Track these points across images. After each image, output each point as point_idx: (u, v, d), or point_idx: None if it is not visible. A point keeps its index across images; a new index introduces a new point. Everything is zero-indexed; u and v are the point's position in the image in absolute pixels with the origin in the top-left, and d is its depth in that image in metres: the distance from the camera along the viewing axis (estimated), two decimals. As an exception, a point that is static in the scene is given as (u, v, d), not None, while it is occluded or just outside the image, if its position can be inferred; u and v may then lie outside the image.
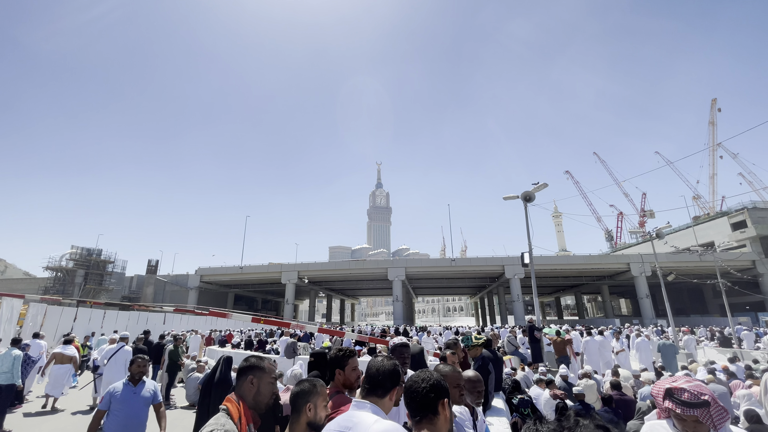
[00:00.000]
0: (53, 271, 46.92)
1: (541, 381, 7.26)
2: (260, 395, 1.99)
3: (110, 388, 3.77)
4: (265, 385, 2.01)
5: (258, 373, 2.01)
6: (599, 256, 52.11)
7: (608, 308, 56.74)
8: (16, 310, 14.47)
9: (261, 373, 2.02)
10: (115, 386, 3.82)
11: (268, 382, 2.03)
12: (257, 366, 2.03)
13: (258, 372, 2.01)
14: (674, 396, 1.93)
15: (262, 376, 2.01)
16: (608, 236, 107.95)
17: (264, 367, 2.05)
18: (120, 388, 3.81)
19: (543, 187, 11.34)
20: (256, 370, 2.02)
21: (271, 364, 2.13)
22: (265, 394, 2.01)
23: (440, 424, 1.50)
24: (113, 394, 3.72)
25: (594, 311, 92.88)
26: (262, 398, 1.99)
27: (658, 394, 2.02)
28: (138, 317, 20.51)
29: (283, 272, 49.84)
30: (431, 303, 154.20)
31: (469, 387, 2.61)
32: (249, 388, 1.97)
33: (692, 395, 1.88)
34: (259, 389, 1.98)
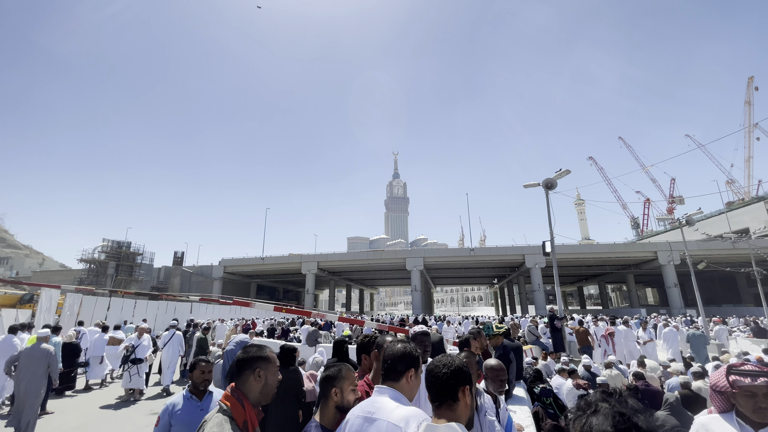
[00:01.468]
0: (87, 263, 49.18)
1: (564, 371, 7.17)
2: (268, 387, 1.80)
3: (168, 404, 2.84)
4: (272, 376, 1.83)
5: (264, 365, 1.81)
6: (624, 244, 50.66)
7: (634, 298, 55.18)
8: (54, 300, 15.30)
9: (267, 364, 1.82)
10: (174, 402, 2.87)
11: (274, 372, 1.84)
12: (261, 357, 1.83)
13: (263, 363, 1.81)
14: (738, 369, 1.80)
15: (268, 366, 1.82)
16: (634, 224, 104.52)
17: (268, 356, 1.85)
18: (180, 404, 2.85)
19: (565, 173, 11.03)
20: (261, 361, 1.81)
21: (272, 351, 1.94)
22: (272, 385, 1.82)
23: (460, 410, 1.46)
24: (173, 412, 2.79)
25: (618, 301, 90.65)
26: (270, 390, 1.81)
27: (718, 379, 1.90)
28: (166, 306, 21.36)
29: (303, 263, 50.66)
30: (450, 293, 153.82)
31: (491, 375, 2.62)
32: (256, 382, 1.77)
33: (755, 367, 1.77)
34: (266, 382, 1.79)
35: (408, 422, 1.50)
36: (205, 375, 3.11)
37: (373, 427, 1.56)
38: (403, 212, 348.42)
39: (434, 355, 1.88)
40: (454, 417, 1.44)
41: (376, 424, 1.56)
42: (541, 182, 11.34)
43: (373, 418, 1.59)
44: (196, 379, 3.08)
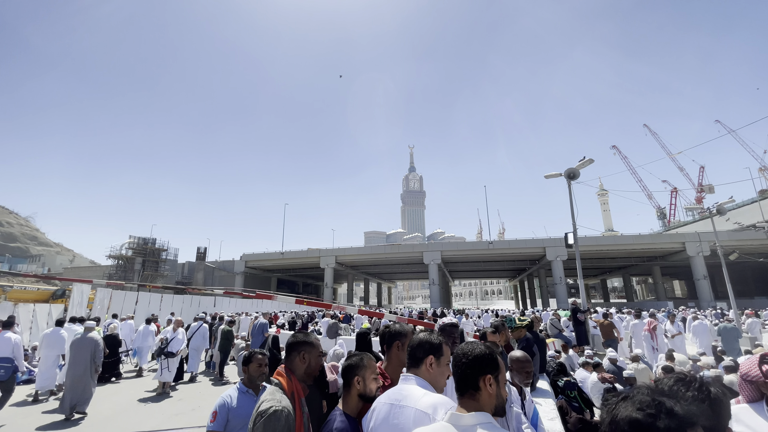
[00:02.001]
0: (115, 259, 51.14)
1: (588, 364, 7.03)
2: (310, 368, 2.12)
3: (222, 399, 2.69)
4: (315, 359, 2.14)
5: (308, 348, 2.14)
6: (650, 235, 48.94)
7: (660, 290, 53.47)
8: (86, 294, 15.99)
9: (310, 348, 2.15)
10: (230, 395, 2.76)
11: (316, 356, 2.16)
12: (306, 341, 2.17)
13: (308, 347, 2.15)
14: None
15: (311, 350, 2.15)
16: (660, 214, 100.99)
17: (312, 341, 2.18)
18: (236, 398, 2.76)
19: (588, 162, 10.71)
20: (306, 345, 2.15)
21: (317, 339, 2.26)
22: (314, 367, 2.14)
23: (483, 400, 1.39)
24: (230, 407, 2.67)
25: (644, 293, 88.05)
26: (312, 371, 2.13)
27: (750, 368, 1.83)
28: (191, 300, 22.03)
29: (322, 257, 51.25)
30: (468, 286, 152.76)
31: (516, 367, 2.59)
32: (300, 362, 2.10)
33: None
34: (309, 363, 2.12)
35: (436, 409, 1.50)
36: (262, 368, 3.06)
37: (401, 414, 1.56)
38: (420, 206, 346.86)
39: None
40: (477, 407, 1.38)
41: (404, 411, 1.57)
42: (563, 172, 11.05)
43: (400, 404, 1.60)
44: (253, 373, 3.02)
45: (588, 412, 5.23)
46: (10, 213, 75.22)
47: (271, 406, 1.79)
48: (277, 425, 1.76)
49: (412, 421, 1.52)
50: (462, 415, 1.35)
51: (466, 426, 1.31)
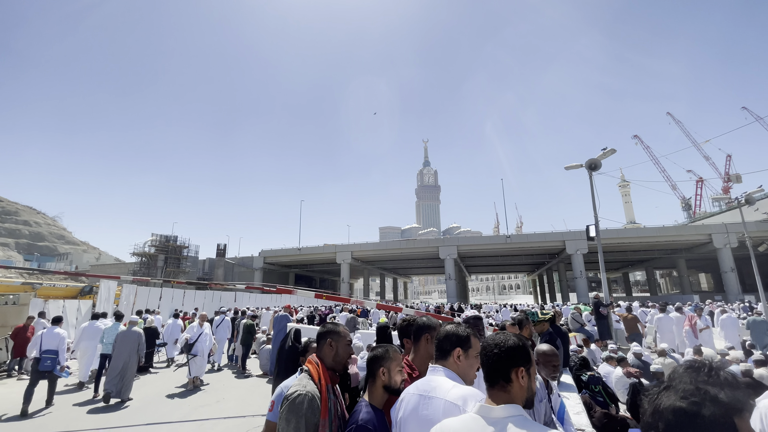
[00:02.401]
0: (138, 257, 52.68)
1: (612, 359, 6.89)
2: (338, 356, 2.18)
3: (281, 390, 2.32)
4: (343, 347, 2.21)
5: (335, 337, 2.21)
6: (675, 227, 47.35)
7: (685, 284, 51.81)
8: (112, 290, 16.55)
9: (338, 337, 2.22)
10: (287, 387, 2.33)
11: (344, 345, 2.22)
12: (334, 330, 2.24)
13: (335, 336, 2.22)
14: None
15: (339, 339, 2.21)
16: (685, 205, 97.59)
17: (340, 331, 2.25)
18: None
19: (610, 153, 10.40)
20: (334, 334, 2.22)
21: (345, 328, 2.32)
22: (343, 355, 2.20)
23: (515, 392, 1.36)
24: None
25: (668, 287, 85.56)
26: (341, 359, 2.19)
27: None
28: (212, 295, 22.58)
29: (338, 252, 51.59)
30: (485, 281, 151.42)
31: (543, 361, 2.55)
32: (328, 350, 2.17)
33: None
34: (337, 351, 2.18)
35: (466, 401, 1.49)
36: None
37: (431, 405, 1.56)
38: (435, 200, 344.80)
39: None
40: (508, 399, 1.35)
41: (433, 402, 1.56)
42: (584, 163, 10.76)
43: (429, 396, 1.59)
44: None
45: (613, 407, 5.13)
46: (38, 213, 78.34)
47: (296, 391, 1.86)
48: (300, 409, 1.82)
49: (441, 412, 1.51)
50: (492, 407, 1.32)
51: (497, 418, 1.29)
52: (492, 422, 1.28)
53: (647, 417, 0.99)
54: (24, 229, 69.37)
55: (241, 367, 10.42)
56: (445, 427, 1.38)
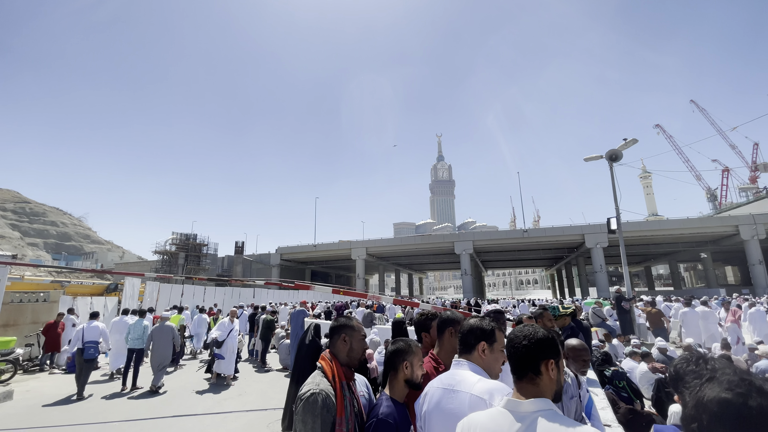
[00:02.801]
0: (160, 255, 54.13)
1: (636, 354, 6.73)
2: (353, 351, 2.09)
3: None
4: (357, 342, 2.12)
5: (349, 331, 2.12)
6: (700, 219, 45.70)
7: (711, 277, 50.11)
8: (136, 287, 17.04)
9: (352, 331, 2.13)
10: None
11: (358, 339, 2.13)
12: (348, 325, 2.15)
13: (349, 330, 2.13)
14: None
15: (353, 333, 2.12)
16: (710, 196, 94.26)
17: (354, 325, 2.16)
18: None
19: (632, 143, 10.08)
20: (347, 329, 2.13)
21: (359, 322, 2.24)
22: (357, 350, 2.11)
23: (544, 385, 1.32)
24: None
25: (693, 281, 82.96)
26: (355, 354, 2.10)
27: None
28: (232, 292, 23.05)
29: (353, 248, 51.87)
30: (502, 276, 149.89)
31: (573, 356, 2.50)
32: (342, 345, 2.08)
33: None
34: (351, 346, 2.09)
35: (492, 395, 1.46)
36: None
37: (456, 399, 1.54)
38: (449, 195, 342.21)
39: None
40: (537, 392, 1.30)
41: (458, 396, 1.54)
42: (604, 154, 10.47)
43: (454, 390, 1.57)
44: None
45: (638, 403, 5.01)
46: (64, 214, 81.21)
47: (309, 389, 1.81)
48: (315, 408, 1.76)
49: (467, 406, 1.49)
50: (520, 401, 1.28)
51: (526, 413, 1.24)
52: (520, 417, 1.24)
53: (689, 410, 0.96)
54: (52, 230, 72.08)
55: (261, 361, 10.60)
56: (472, 421, 1.34)
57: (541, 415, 1.22)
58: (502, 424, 1.26)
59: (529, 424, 1.21)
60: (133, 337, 8.35)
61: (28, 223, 68.41)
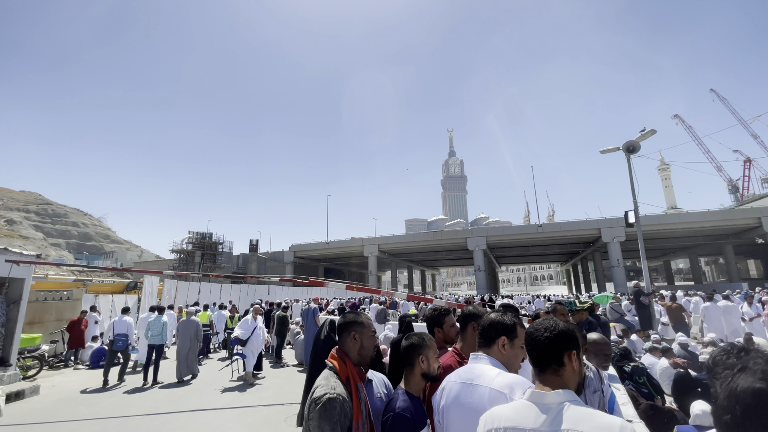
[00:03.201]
0: (177, 253, 55.23)
1: (656, 349, 6.58)
2: (364, 349, 1.98)
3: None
4: (367, 339, 2.00)
5: (359, 328, 2.00)
6: (721, 211, 44.36)
7: (733, 271, 48.60)
8: (155, 285, 17.43)
9: (361, 328, 2.01)
10: None
11: (369, 336, 2.01)
12: (356, 321, 2.03)
13: (358, 327, 2.01)
14: None
15: (363, 330, 2.00)
16: (732, 187, 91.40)
17: (363, 321, 2.05)
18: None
19: (650, 134, 9.80)
20: (357, 326, 2.01)
21: (368, 318, 2.12)
22: (368, 348, 1.99)
23: (567, 376, 1.31)
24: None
25: (714, 275, 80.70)
26: (366, 352, 1.98)
27: None
28: (247, 289, 23.40)
29: (365, 245, 52.04)
30: (516, 272, 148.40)
31: (595, 350, 2.46)
32: (352, 343, 1.97)
33: None
34: (362, 344, 1.98)
35: (513, 389, 1.44)
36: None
37: (475, 393, 1.52)
38: (461, 191, 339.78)
39: None
40: (561, 383, 1.29)
41: (477, 390, 1.53)
42: (621, 146, 10.22)
43: (473, 384, 1.56)
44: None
45: (659, 399, 4.90)
46: (84, 215, 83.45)
47: (325, 393, 1.70)
48: (332, 415, 1.66)
49: (487, 400, 1.47)
50: (545, 393, 1.26)
51: (551, 404, 1.23)
52: (546, 408, 1.23)
53: (721, 401, 0.93)
54: (73, 230, 74.18)
55: (276, 357, 10.74)
56: (495, 415, 1.32)
57: (567, 406, 1.21)
58: (527, 416, 1.25)
59: (556, 415, 1.20)
60: (153, 333, 8.55)
61: (50, 224, 70.56)
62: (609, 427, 1.12)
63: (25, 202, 71.46)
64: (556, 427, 1.18)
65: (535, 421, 1.22)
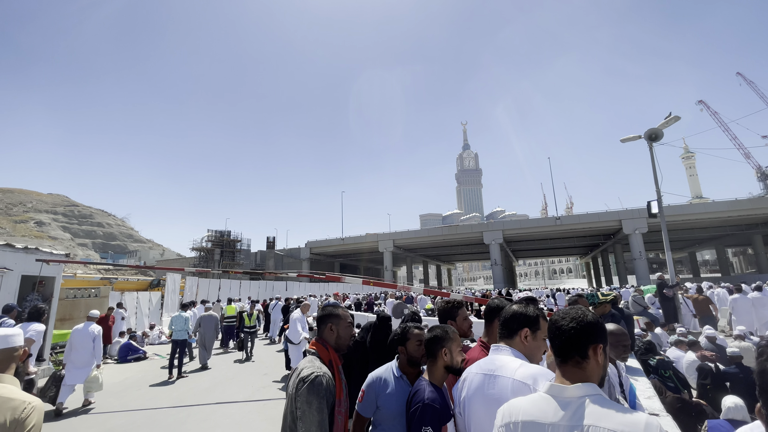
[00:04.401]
0: (197, 251, 56.56)
1: (681, 342, 6.40)
2: (340, 339, 2.18)
3: (375, 379, 2.18)
4: (343, 329, 2.19)
5: (335, 320, 2.19)
6: (750, 200, 42.53)
7: (762, 262, 46.65)
8: (177, 282, 17.93)
9: (338, 320, 2.19)
10: (383, 377, 2.16)
11: (345, 327, 2.20)
12: (333, 314, 2.22)
13: (335, 319, 2.20)
14: None
15: (339, 321, 2.19)
16: (761, 175, 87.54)
17: (339, 314, 2.23)
18: (391, 384, 2.12)
19: (674, 120, 9.45)
20: (333, 318, 2.20)
21: (345, 310, 2.29)
22: (344, 337, 2.19)
23: (591, 369, 1.24)
24: (380, 391, 2.11)
25: (743, 266, 77.83)
26: (343, 341, 2.19)
27: None
28: (266, 285, 23.85)
29: (380, 241, 52.10)
30: (534, 266, 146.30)
31: (612, 341, 2.40)
32: (329, 333, 2.17)
33: None
34: (338, 334, 2.18)
35: (536, 380, 1.42)
36: (422, 348, 2.16)
37: (497, 384, 1.51)
38: (476, 185, 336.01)
39: None
40: (583, 376, 1.22)
41: (499, 382, 1.51)
42: (643, 134, 9.89)
43: (495, 375, 1.54)
44: (412, 353, 2.23)
45: (686, 393, 4.77)
46: (109, 215, 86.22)
47: (312, 372, 1.88)
48: (320, 389, 1.84)
49: (510, 391, 1.46)
50: (565, 386, 1.20)
51: (571, 398, 1.17)
52: (566, 403, 1.17)
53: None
54: (98, 231, 76.76)
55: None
56: (513, 407, 1.28)
57: (588, 399, 1.15)
58: (546, 411, 1.19)
59: (576, 410, 1.14)
60: (176, 329, 8.80)
61: (77, 225, 73.17)
62: (634, 424, 1.06)
63: (53, 204, 74.24)
64: (577, 422, 1.12)
65: (555, 415, 1.17)
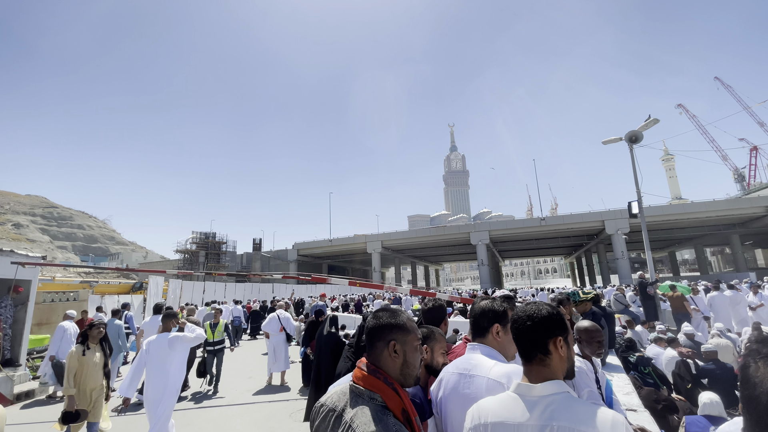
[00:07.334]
0: (181, 254, 55.53)
1: (661, 339, 6.56)
2: (407, 367, 1.31)
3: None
4: (412, 352, 1.32)
5: (400, 337, 1.32)
6: (727, 200, 43.94)
7: (740, 261, 48.24)
8: (160, 285, 17.55)
9: (404, 336, 1.32)
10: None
11: (414, 347, 1.34)
12: (396, 325, 1.33)
13: (399, 335, 1.32)
14: None
15: (406, 339, 1.32)
16: (738, 176, 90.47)
17: (404, 324, 1.34)
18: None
19: (653, 123, 9.71)
20: (397, 332, 1.32)
21: (410, 318, 1.40)
22: (413, 365, 1.32)
23: (554, 365, 1.22)
24: None
25: (720, 265, 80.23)
26: (411, 370, 1.31)
27: None
28: (251, 287, 23.53)
29: (368, 242, 52.07)
30: (520, 266, 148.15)
31: (586, 338, 2.44)
32: (392, 360, 1.29)
33: None
34: (405, 360, 1.30)
35: (510, 379, 1.42)
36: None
37: (472, 383, 1.51)
38: (464, 186, 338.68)
39: None
40: (548, 373, 1.21)
41: (474, 381, 1.51)
42: (623, 136, 10.12)
43: (470, 374, 1.54)
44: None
45: (665, 389, 4.88)
46: (89, 217, 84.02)
47: None
48: None
49: (485, 390, 1.46)
50: (532, 385, 1.20)
51: (539, 397, 1.17)
52: (533, 403, 1.17)
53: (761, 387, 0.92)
54: (79, 233, 74.73)
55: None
56: (482, 408, 1.27)
57: (555, 399, 1.16)
58: (514, 411, 1.19)
59: (543, 409, 1.14)
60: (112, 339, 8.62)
61: (56, 227, 71.11)
62: (600, 421, 1.06)
63: (31, 205, 72.01)
64: (545, 421, 1.12)
65: (522, 415, 1.17)
